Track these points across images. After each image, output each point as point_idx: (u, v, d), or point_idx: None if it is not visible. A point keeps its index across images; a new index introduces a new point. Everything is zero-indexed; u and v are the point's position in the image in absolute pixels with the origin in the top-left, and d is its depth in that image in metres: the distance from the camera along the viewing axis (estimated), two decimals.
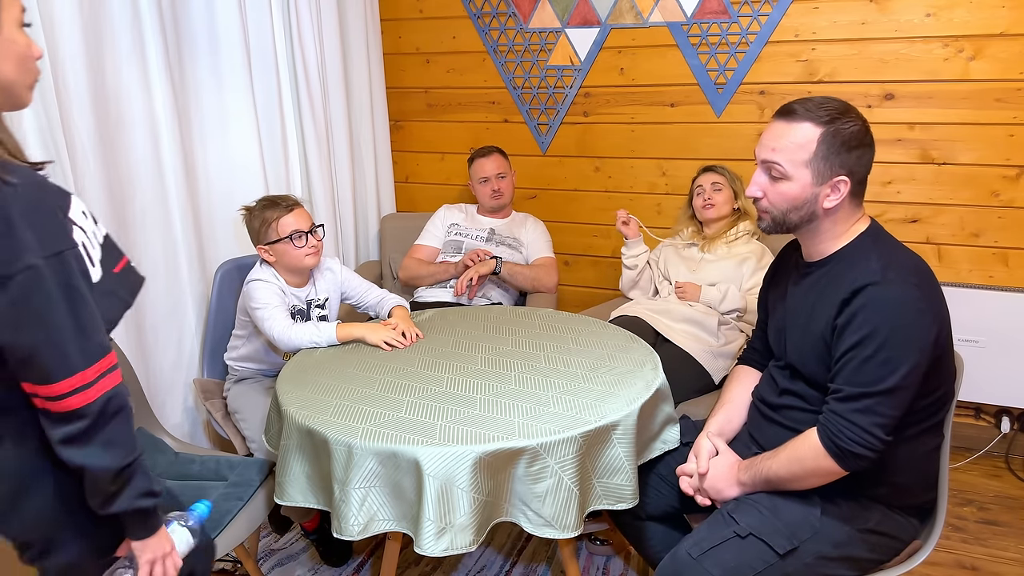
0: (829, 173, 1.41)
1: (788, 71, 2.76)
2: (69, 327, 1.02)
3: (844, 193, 1.42)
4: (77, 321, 1.02)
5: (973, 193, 2.65)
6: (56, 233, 1.03)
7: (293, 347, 1.97)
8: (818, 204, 1.44)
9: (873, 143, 1.44)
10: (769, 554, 1.40)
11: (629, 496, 1.56)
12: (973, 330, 2.63)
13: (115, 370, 1.07)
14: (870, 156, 1.43)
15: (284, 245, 2.04)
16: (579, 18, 2.97)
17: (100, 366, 1.04)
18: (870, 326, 1.34)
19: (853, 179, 1.42)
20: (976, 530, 2.35)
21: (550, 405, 1.59)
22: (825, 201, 1.43)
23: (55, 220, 1.04)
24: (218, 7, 2.37)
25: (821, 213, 1.45)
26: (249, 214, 2.09)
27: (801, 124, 1.41)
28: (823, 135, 1.39)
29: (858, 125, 1.41)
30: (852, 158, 1.41)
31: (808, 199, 1.43)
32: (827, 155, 1.40)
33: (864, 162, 1.43)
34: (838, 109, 1.41)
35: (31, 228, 0.98)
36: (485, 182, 2.84)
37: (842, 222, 1.47)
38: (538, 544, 2.28)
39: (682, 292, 2.49)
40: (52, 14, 1.85)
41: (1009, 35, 2.49)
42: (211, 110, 2.41)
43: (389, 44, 3.29)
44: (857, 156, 1.41)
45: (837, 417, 1.37)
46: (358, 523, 1.45)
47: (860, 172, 1.43)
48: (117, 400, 1.07)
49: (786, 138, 1.42)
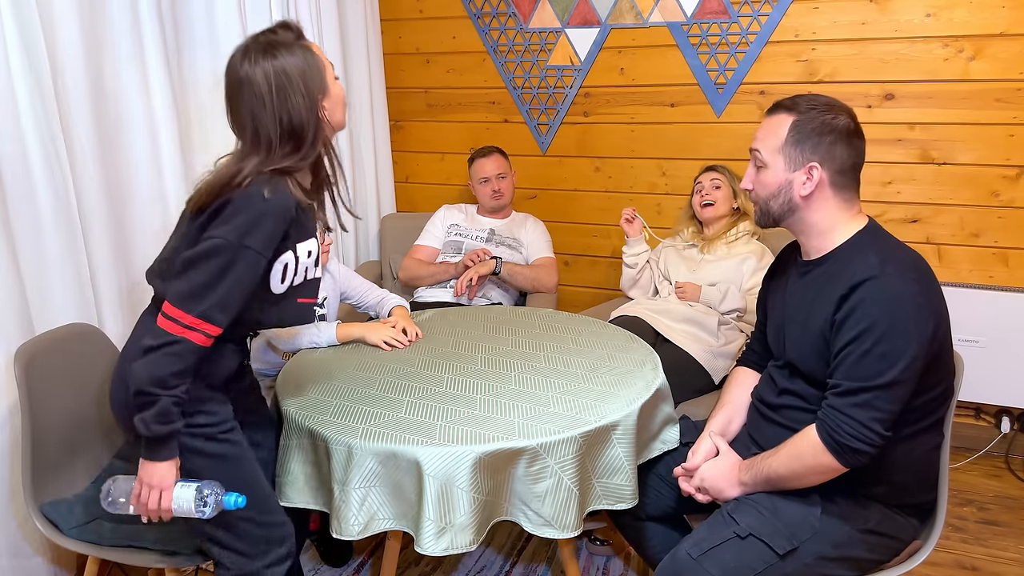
0: (801, 159, 1.45)
1: (788, 71, 2.76)
2: (205, 284, 1.32)
3: (817, 181, 1.44)
4: (212, 288, 1.32)
5: (973, 193, 2.65)
6: (262, 239, 1.35)
7: (293, 347, 1.97)
8: (794, 192, 1.47)
9: (854, 136, 1.45)
10: (769, 554, 1.40)
11: (629, 496, 1.57)
12: (973, 330, 2.63)
13: (204, 338, 1.34)
14: (847, 148, 1.44)
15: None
16: (579, 18, 2.97)
17: (198, 323, 1.32)
18: (868, 320, 1.34)
19: (828, 168, 1.44)
20: (976, 530, 2.35)
21: (550, 405, 1.59)
22: (801, 189, 1.46)
23: (270, 233, 1.36)
24: (218, 7, 2.37)
25: (800, 203, 1.47)
26: None
27: (780, 115, 1.48)
28: (794, 122, 1.45)
29: (834, 115, 1.44)
30: (823, 145, 1.43)
31: (783, 185, 1.47)
32: (797, 141, 1.45)
33: (839, 152, 1.44)
34: (817, 102, 1.46)
35: (248, 223, 1.33)
36: (485, 182, 2.84)
37: (827, 215, 1.47)
38: (538, 544, 2.28)
39: (682, 292, 2.49)
40: (52, 14, 1.86)
41: (1009, 35, 2.49)
42: (211, 110, 2.41)
43: (389, 44, 3.29)
44: (829, 143, 1.43)
45: (836, 412, 1.37)
46: (358, 523, 1.45)
47: (836, 161, 1.44)
48: (184, 349, 1.32)
49: (766, 128, 1.50)
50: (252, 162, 1.37)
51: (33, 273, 1.86)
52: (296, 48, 1.39)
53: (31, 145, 1.81)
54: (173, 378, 1.31)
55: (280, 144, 1.38)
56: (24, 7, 1.76)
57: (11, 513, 1.80)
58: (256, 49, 1.38)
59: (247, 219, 1.33)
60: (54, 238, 1.88)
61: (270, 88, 1.36)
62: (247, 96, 1.37)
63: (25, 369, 1.59)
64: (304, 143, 1.40)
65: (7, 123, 1.76)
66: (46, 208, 1.86)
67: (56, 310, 1.91)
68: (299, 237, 1.46)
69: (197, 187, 1.41)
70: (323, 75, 1.42)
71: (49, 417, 1.66)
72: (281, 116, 1.37)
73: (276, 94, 1.36)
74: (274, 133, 1.37)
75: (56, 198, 1.87)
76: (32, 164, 1.82)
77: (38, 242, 1.86)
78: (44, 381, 1.65)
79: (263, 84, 1.36)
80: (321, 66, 1.42)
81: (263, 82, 1.36)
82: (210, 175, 1.39)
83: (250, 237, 1.33)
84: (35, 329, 1.83)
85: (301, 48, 1.40)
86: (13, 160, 1.78)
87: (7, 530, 1.80)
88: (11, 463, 1.78)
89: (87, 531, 1.62)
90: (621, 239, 3.16)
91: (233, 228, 1.33)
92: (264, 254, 1.36)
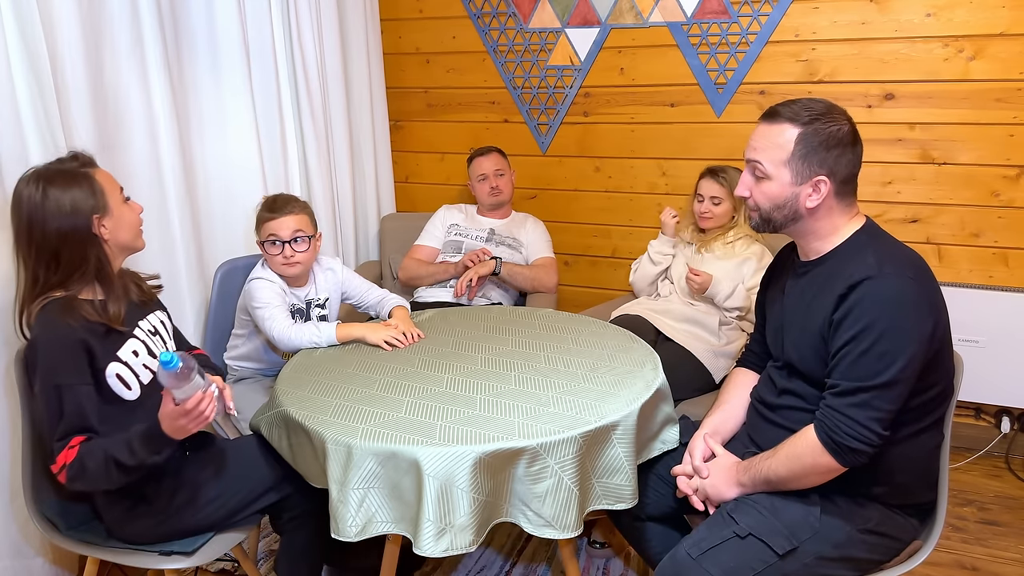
0: (808, 173, 1.43)
1: (788, 71, 2.76)
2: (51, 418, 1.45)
3: (825, 193, 1.44)
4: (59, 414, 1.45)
5: (973, 193, 2.64)
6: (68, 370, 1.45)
7: (293, 347, 1.97)
8: (800, 203, 1.46)
9: (856, 143, 1.45)
10: (768, 554, 1.40)
11: (629, 496, 1.56)
12: (973, 330, 2.63)
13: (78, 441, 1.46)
14: (852, 156, 1.44)
15: (266, 247, 2.08)
16: (579, 18, 2.97)
17: (67, 442, 1.46)
18: (867, 320, 1.34)
19: (834, 179, 1.43)
20: (976, 530, 2.35)
21: (550, 405, 1.59)
22: (807, 201, 1.45)
23: (73, 359, 1.46)
24: (217, 7, 2.37)
25: (804, 213, 1.47)
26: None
27: (781, 125, 1.45)
28: (800, 135, 1.42)
29: (838, 125, 1.42)
30: (831, 158, 1.42)
31: (789, 198, 1.46)
32: (805, 155, 1.43)
33: (845, 162, 1.43)
34: (819, 110, 1.43)
35: (47, 364, 1.45)
36: (483, 179, 2.84)
37: (830, 221, 1.47)
38: (538, 544, 2.28)
39: (696, 278, 2.39)
40: (52, 14, 1.85)
41: (1009, 35, 2.48)
42: (210, 110, 2.41)
43: (389, 44, 3.29)
44: (836, 156, 1.42)
45: (834, 412, 1.37)
46: (356, 524, 1.45)
47: (842, 172, 1.44)
48: (80, 464, 1.43)
49: (767, 138, 1.46)
50: (28, 293, 1.49)
51: None
52: (75, 175, 1.49)
53: (31, 144, 1.81)
54: (103, 474, 1.42)
55: (40, 264, 1.47)
56: (24, 5, 1.76)
57: (12, 514, 1.80)
58: (34, 178, 1.48)
59: (43, 363, 1.43)
60: None
61: (32, 210, 1.45)
62: (14, 218, 1.48)
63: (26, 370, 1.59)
64: (63, 259, 1.48)
65: (7, 122, 1.76)
66: None
67: None
68: (110, 350, 1.52)
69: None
70: (103, 198, 1.51)
71: None
72: (36, 237, 1.46)
73: (38, 215, 1.45)
74: (31, 255, 1.47)
75: None
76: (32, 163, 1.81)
77: None
78: None
79: (25, 206, 1.46)
80: (100, 190, 1.51)
81: (25, 204, 1.46)
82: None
83: (57, 376, 1.43)
84: None
85: (82, 175, 1.50)
86: (14, 159, 1.78)
87: (8, 531, 1.80)
88: (12, 464, 1.78)
89: (87, 532, 1.62)
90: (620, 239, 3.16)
91: (40, 376, 1.44)
92: (80, 382, 1.46)
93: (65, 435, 1.43)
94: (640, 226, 3.11)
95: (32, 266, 1.48)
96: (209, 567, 2.18)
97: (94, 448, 1.43)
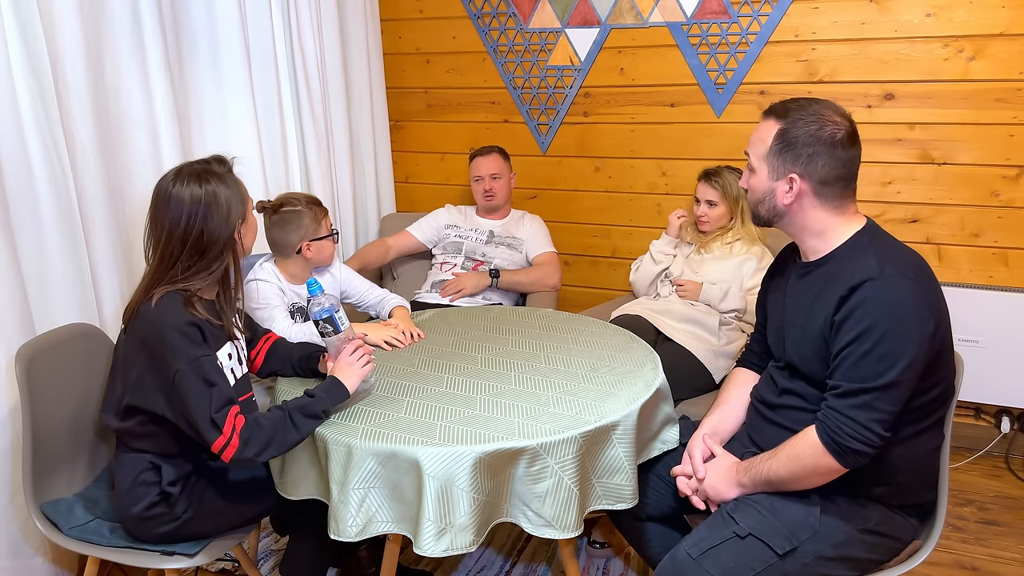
0: (783, 169, 1.45)
1: (788, 71, 2.76)
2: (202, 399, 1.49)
3: (797, 192, 1.44)
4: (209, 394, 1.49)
5: (973, 193, 2.65)
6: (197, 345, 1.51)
7: None
8: (777, 199, 1.47)
9: (843, 146, 1.42)
10: (768, 554, 1.40)
11: (629, 496, 1.57)
12: (973, 330, 2.63)
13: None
14: (829, 158, 1.41)
15: (327, 241, 2.12)
16: (579, 18, 2.97)
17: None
18: (868, 321, 1.34)
19: (809, 179, 1.43)
20: (976, 530, 2.35)
21: (550, 405, 1.59)
22: (783, 197, 1.46)
23: (195, 338, 1.51)
24: (218, 7, 2.37)
25: (783, 209, 1.48)
26: (296, 210, 2.07)
27: (769, 120, 1.48)
28: (779, 131, 1.44)
29: (820, 125, 1.41)
30: (804, 156, 1.42)
31: (767, 193, 1.48)
32: (780, 151, 1.44)
33: (821, 163, 1.42)
34: (808, 111, 1.43)
35: (179, 343, 1.48)
36: (478, 180, 2.84)
37: (819, 220, 1.47)
38: (538, 544, 2.28)
39: (683, 290, 2.49)
40: (52, 14, 1.85)
41: (1009, 35, 2.49)
42: (211, 110, 2.41)
43: (389, 44, 3.29)
44: (809, 155, 1.42)
45: (835, 413, 1.37)
46: (356, 524, 1.45)
47: (818, 172, 1.42)
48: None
49: (757, 132, 1.50)
50: (157, 278, 1.53)
51: (34, 273, 1.86)
52: (227, 178, 1.56)
53: (32, 144, 1.81)
54: (279, 429, 1.49)
55: (183, 258, 1.52)
56: (25, 6, 1.76)
57: (12, 513, 1.80)
58: (189, 173, 1.53)
59: (175, 343, 1.47)
60: (55, 237, 1.88)
61: (195, 207, 1.50)
62: (169, 212, 1.51)
63: (26, 369, 1.60)
64: (206, 257, 1.54)
65: (8, 122, 1.76)
66: (47, 207, 1.86)
67: (57, 310, 1.91)
68: (216, 344, 1.55)
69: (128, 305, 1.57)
70: (247, 205, 1.61)
71: (50, 417, 1.66)
72: (192, 233, 1.51)
73: (200, 213, 1.51)
74: (178, 248, 1.52)
75: (57, 197, 1.87)
76: (33, 163, 1.82)
77: (39, 241, 1.86)
78: (45, 381, 1.65)
79: (188, 203, 1.50)
80: (246, 197, 1.61)
81: (188, 201, 1.50)
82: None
83: (192, 350, 1.48)
84: (36, 329, 1.83)
85: (231, 178, 1.57)
86: (14, 159, 1.78)
87: (8, 530, 1.80)
88: (12, 463, 1.78)
89: (87, 531, 1.62)
90: (621, 239, 3.16)
91: (175, 357, 1.46)
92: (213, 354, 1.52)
93: (223, 404, 1.47)
94: (640, 226, 3.11)
95: (172, 258, 1.52)
96: (209, 567, 2.18)
97: (263, 410, 1.51)
